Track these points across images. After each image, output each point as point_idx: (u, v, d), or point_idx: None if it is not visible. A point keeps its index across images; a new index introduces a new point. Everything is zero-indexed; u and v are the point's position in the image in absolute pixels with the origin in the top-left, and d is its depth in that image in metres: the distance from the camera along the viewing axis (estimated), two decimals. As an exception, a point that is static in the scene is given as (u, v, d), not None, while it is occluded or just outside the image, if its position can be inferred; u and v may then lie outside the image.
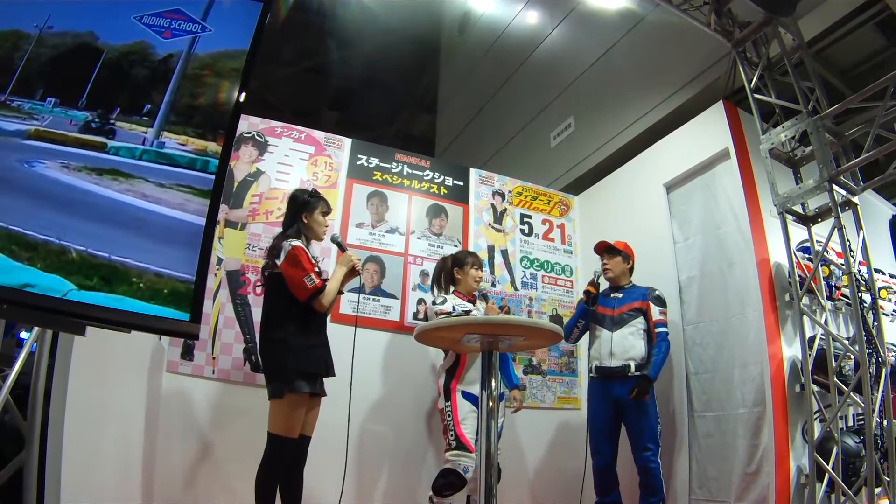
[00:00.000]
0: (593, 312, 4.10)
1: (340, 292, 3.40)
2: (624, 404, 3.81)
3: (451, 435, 3.64)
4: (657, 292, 4.04)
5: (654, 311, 3.95)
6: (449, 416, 3.70)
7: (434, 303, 3.90)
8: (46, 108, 2.36)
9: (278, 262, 3.09)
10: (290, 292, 3.05)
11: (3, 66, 2.37)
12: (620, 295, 4.08)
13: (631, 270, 4.20)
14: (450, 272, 4.06)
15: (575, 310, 4.29)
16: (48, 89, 2.40)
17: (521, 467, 4.56)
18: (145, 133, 2.43)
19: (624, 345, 3.91)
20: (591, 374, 4.08)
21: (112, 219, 2.30)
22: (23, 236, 2.13)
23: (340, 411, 3.30)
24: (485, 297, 4.06)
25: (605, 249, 4.19)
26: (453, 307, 3.82)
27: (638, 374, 3.80)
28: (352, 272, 3.33)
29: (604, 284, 4.21)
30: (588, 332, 4.19)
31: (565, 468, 4.68)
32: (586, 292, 4.10)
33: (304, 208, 3.30)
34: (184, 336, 3.27)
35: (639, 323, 3.96)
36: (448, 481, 3.51)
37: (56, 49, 2.46)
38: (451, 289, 4.03)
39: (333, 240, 3.48)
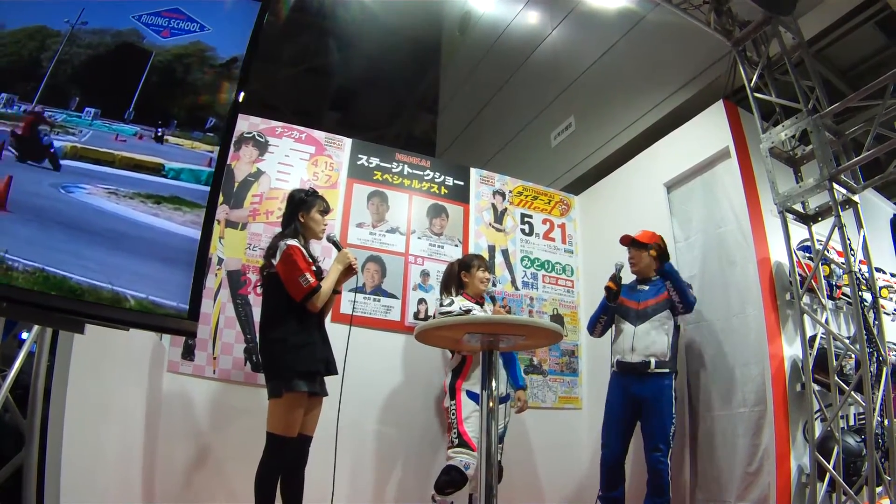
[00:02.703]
0: (618, 306, 4.04)
1: (338, 291, 3.39)
2: (642, 401, 3.76)
3: (455, 433, 3.67)
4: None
5: None
6: (453, 414, 3.73)
7: (441, 304, 3.90)
8: (85, 121, 1.98)
9: (274, 262, 3.09)
10: (287, 291, 3.06)
11: (27, 70, 1.99)
12: (647, 288, 3.99)
13: (660, 260, 4.03)
14: (457, 276, 4.07)
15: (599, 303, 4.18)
16: (86, 97, 2.01)
17: (523, 467, 4.55)
18: (212, 153, 2.10)
19: (646, 340, 3.83)
20: (612, 369, 4.01)
21: (177, 259, 1.96)
22: (64, 280, 1.79)
23: (343, 411, 3.30)
24: (493, 300, 4.04)
25: (630, 243, 4.10)
26: (459, 308, 3.82)
27: (659, 370, 3.74)
28: (348, 271, 3.31)
29: (631, 276, 4.13)
30: (613, 325, 4.12)
31: (566, 468, 4.70)
32: (606, 288, 4.01)
33: (300, 207, 3.30)
34: (181, 334, 3.24)
35: (664, 317, 3.86)
36: (450, 478, 3.52)
37: (93, 49, 2.07)
38: (460, 292, 4.04)
39: (329, 239, 3.45)
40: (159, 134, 2.06)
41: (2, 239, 1.79)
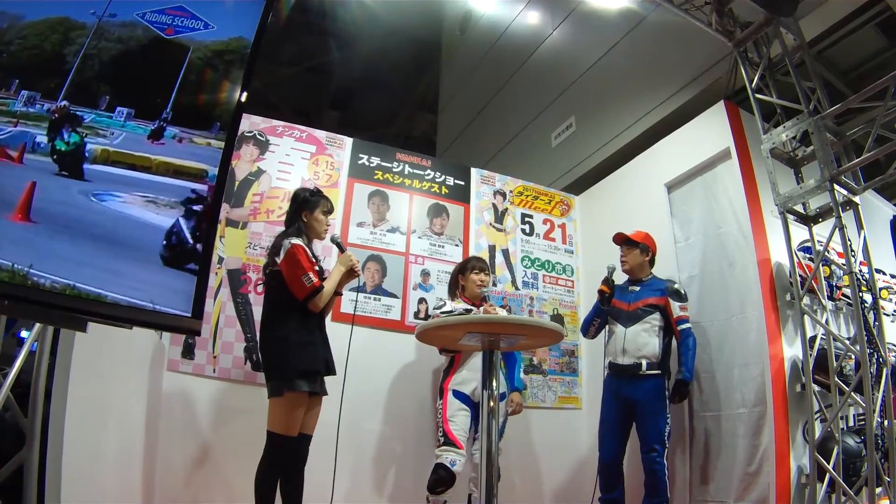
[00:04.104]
0: (610, 308, 4.05)
1: (339, 293, 3.40)
2: (635, 403, 3.77)
3: (440, 431, 3.69)
4: (676, 286, 3.96)
5: (675, 307, 3.85)
6: (439, 413, 3.76)
7: (435, 307, 3.93)
8: (116, 122, 1.82)
9: (278, 261, 3.09)
10: (290, 291, 3.06)
11: (50, 65, 1.82)
12: (638, 289, 4.01)
13: (651, 262, 4.10)
14: (455, 279, 4.09)
15: (592, 306, 4.20)
16: (117, 96, 1.84)
17: (522, 467, 4.56)
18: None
19: (637, 342, 3.84)
20: (606, 371, 4.02)
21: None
22: (98, 297, 1.65)
23: (343, 410, 3.30)
24: (484, 299, 4.03)
25: (623, 241, 4.11)
26: (452, 309, 3.84)
27: (651, 372, 3.75)
28: (350, 273, 3.31)
29: (623, 277, 4.15)
30: (607, 327, 4.14)
31: (566, 468, 4.70)
32: (600, 292, 4.01)
33: (304, 207, 3.30)
34: (185, 332, 3.23)
35: (654, 319, 3.88)
36: (438, 476, 3.53)
37: (122, 44, 1.90)
38: (459, 295, 4.05)
39: (333, 240, 3.47)
40: (200, 137, 1.92)
41: (26, 253, 1.64)
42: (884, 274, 4.58)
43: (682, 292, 3.96)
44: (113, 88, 1.86)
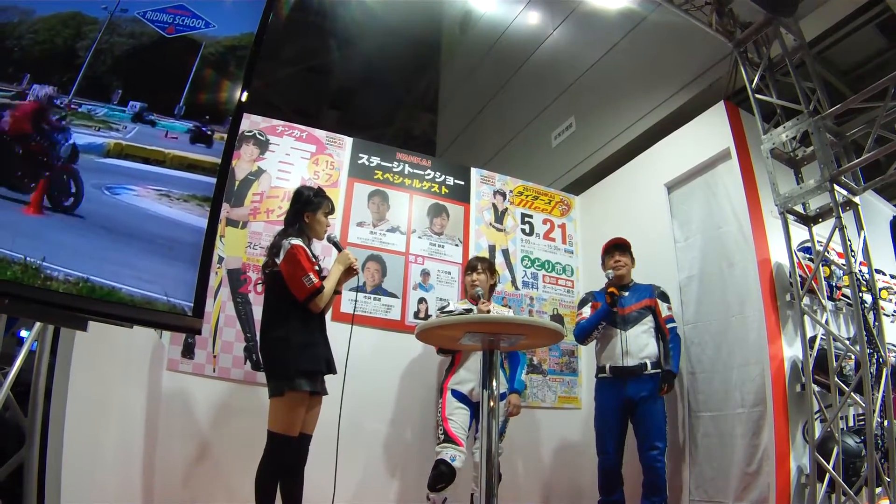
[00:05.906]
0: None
1: (338, 292, 3.39)
2: (635, 402, 3.80)
3: (440, 429, 3.73)
4: (661, 288, 4.07)
5: (663, 307, 3.98)
6: (438, 411, 3.81)
7: (438, 308, 4.01)
8: (129, 116, 1.84)
9: (278, 261, 3.08)
10: (291, 291, 3.05)
11: (62, 60, 1.82)
12: (626, 293, 4.05)
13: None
14: (462, 279, 4.12)
15: (593, 313, 4.09)
16: (129, 90, 1.84)
17: (522, 466, 4.56)
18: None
19: (638, 343, 3.89)
20: (601, 375, 4.03)
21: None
22: (112, 291, 1.66)
23: (343, 410, 3.30)
24: (476, 298, 4.00)
25: (618, 246, 4.15)
26: (455, 309, 3.89)
27: (654, 371, 3.81)
28: (349, 271, 3.31)
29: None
30: None
31: (566, 467, 4.70)
32: (611, 294, 3.99)
33: (306, 207, 3.28)
34: (186, 331, 3.23)
35: (649, 321, 3.95)
36: (438, 472, 3.55)
37: (135, 38, 1.91)
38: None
39: (329, 239, 3.43)
40: (213, 132, 1.92)
41: (39, 246, 1.64)
42: (883, 274, 4.59)
43: (667, 294, 4.09)
44: (125, 83, 1.87)
